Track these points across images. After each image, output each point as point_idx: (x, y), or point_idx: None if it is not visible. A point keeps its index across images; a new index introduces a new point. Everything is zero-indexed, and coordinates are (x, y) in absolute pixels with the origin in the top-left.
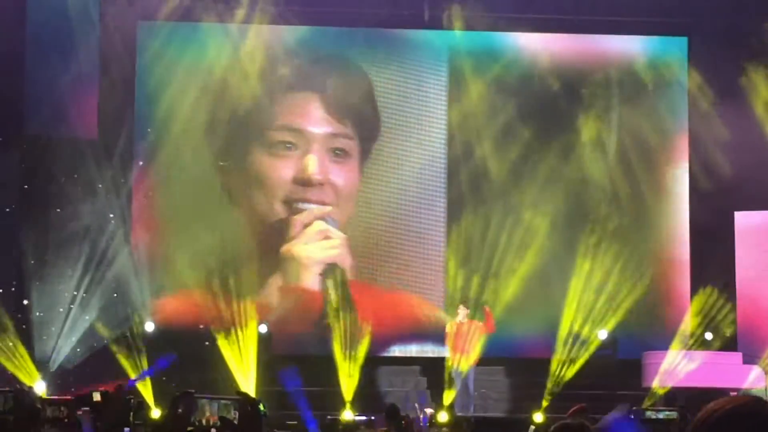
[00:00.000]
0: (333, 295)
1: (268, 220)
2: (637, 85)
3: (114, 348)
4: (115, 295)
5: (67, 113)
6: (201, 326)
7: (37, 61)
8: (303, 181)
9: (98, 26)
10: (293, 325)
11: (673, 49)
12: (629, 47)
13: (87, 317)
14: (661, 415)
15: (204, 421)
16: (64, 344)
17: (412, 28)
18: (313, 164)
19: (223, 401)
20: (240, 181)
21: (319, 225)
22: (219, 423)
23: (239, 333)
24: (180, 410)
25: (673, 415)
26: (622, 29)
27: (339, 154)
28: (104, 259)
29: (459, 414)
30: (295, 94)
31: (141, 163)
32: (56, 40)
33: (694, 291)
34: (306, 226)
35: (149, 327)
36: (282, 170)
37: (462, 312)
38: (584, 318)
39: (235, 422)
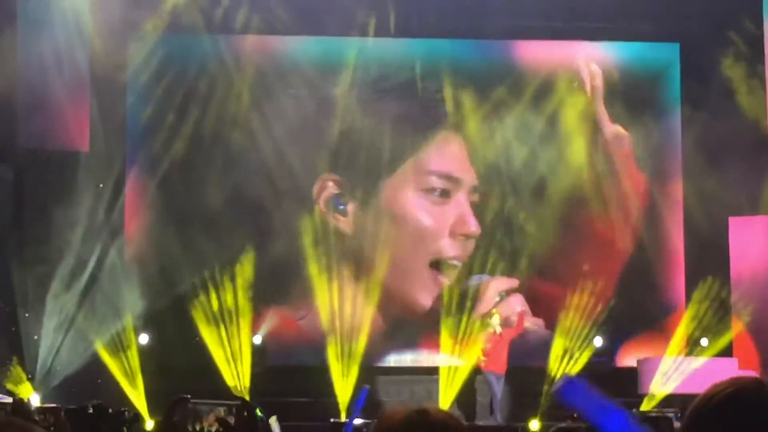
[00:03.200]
0: None
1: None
2: (629, 92)
3: (107, 359)
4: (109, 306)
5: (59, 125)
6: (195, 338)
7: (29, 73)
8: (462, 235)
9: (89, 37)
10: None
11: (665, 55)
12: (620, 53)
13: (80, 329)
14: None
15: (200, 427)
16: (57, 356)
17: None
18: (471, 216)
19: (219, 406)
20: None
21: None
22: (218, 426)
23: (232, 343)
24: (176, 418)
25: (672, 414)
26: (613, 35)
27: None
28: (97, 271)
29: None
30: (436, 132)
31: (134, 176)
32: (47, 51)
33: (689, 297)
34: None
35: (143, 339)
36: (437, 218)
37: (496, 319)
38: (580, 325)
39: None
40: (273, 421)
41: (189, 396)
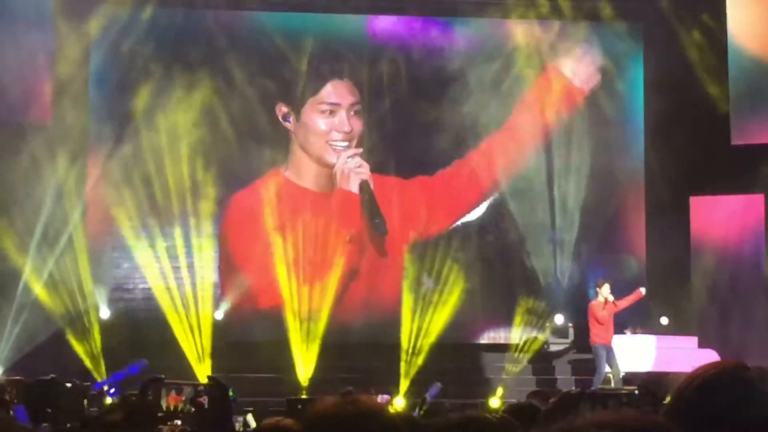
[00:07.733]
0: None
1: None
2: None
3: (68, 334)
4: (70, 280)
5: (19, 98)
6: (157, 313)
7: None
8: (341, 130)
9: (51, 7)
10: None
11: (629, 36)
12: (584, 34)
13: (40, 303)
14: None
15: (173, 406)
16: (16, 330)
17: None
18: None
19: (192, 386)
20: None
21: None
22: (190, 407)
23: (195, 319)
24: (150, 397)
25: (633, 390)
26: (576, 16)
27: (356, 113)
28: (58, 246)
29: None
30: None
31: (96, 148)
32: (7, 23)
33: (649, 276)
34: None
35: (104, 313)
36: (328, 125)
37: (606, 289)
38: (539, 303)
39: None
40: (250, 418)
41: (163, 376)
